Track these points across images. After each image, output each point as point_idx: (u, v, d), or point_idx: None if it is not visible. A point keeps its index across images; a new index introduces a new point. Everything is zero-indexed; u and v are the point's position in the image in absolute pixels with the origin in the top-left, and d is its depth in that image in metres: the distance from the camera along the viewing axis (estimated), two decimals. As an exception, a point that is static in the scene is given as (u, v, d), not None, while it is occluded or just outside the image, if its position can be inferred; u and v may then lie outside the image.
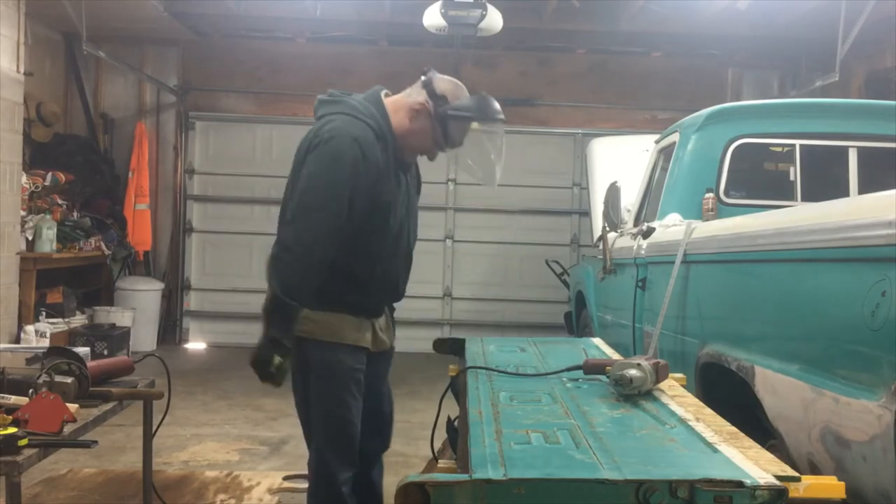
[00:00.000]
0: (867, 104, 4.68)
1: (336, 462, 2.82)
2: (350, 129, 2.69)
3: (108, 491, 4.07)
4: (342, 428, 2.83)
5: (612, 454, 1.63)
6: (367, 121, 2.74)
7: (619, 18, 8.19)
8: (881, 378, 1.99)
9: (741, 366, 2.80)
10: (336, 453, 2.82)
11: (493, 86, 9.61)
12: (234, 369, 7.56)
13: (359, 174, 2.65)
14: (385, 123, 2.78)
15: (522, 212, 9.38)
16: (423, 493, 1.44)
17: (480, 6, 6.44)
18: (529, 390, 2.29)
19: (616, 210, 5.10)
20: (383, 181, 2.73)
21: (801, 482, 1.53)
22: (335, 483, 2.80)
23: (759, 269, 2.84)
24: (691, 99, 8.38)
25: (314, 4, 7.96)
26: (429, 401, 6.19)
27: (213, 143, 9.40)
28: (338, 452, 2.82)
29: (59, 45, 8.85)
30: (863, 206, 2.24)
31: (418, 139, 2.82)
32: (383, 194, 2.74)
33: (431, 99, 2.77)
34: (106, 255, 8.21)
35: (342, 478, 2.81)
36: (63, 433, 2.49)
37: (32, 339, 6.62)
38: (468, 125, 2.79)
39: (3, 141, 6.34)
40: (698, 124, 4.18)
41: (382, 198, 2.74)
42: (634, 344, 4.26)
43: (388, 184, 2.75)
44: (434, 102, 2.76)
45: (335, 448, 2.82)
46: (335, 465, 2.82)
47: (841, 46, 6.57)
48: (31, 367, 3.07)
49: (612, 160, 7.03)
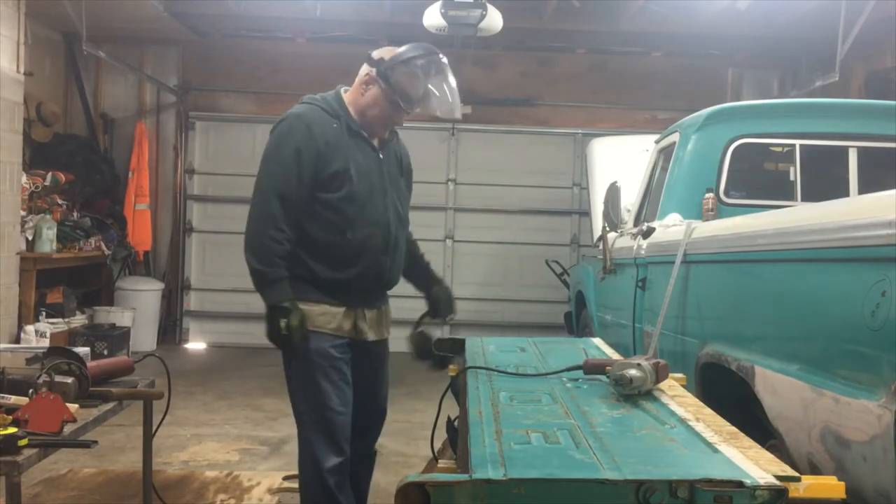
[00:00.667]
0: (867, 104, 4.68)
1: (320, 450, 2.88)
2: (297, 110, 2.95)
3: (108, 491, 4.07)
4: (322, 415, 2.89)
5: (612, 454, 1.63)
6: (316, 103, 2.97)
7: (619, 18, 8.19)
8: (881, 378, 1.99)
9: (741, 366, 2.80)
10: (319, 441, 2.88)
11: (493, 86, 9.67)
12: (234, 369, 7.57)
13: (305, 145, 2.86)
14: (337, 103, 2.98)
15: (522, 212, 9.38)
16: (423, 493, 1.44)
17: (480, 6, 6.44)
18: (529, 390, 2.29)
19: (616, 210, 5.10)
20: (334, 151, 2.89)
21: (801, 482, 1.53)
22: (320, 471, 2.86)
23: (759, 269, 2.84)
24: (691, 99, 8.38)
25: (314, 4, 7.96)
26: (429, 401, 6.19)
27: (213, 143, 9.41)
28: (321, 440, 2.88)
29: (59, 45, 8.85)
30: (863, 206, 2.24)
31: (376, 107, 2.96)
32: (335, 162, 2.88)
33: (372, 66, 2.95)
34: (106, 255, 8.21)
35: (327, 465, 2.86)
36: (63, 433, 2.49)
37: (32, 339, 6.62)
38: (410, 70, 2.91)
39: (3, 141, 6.34)
40: (698, 124, 4.18)
41: (335, 165, 2.87)
42: (634, 344, 4.26)
43: (340, 154, 2.89)
44: (376, 67, 2.94)
45: (318, 435, 2.89)
46: (319, 452, 2.87)
47: (841, 46, 6.57)
48: (31, 367, 3.07)
49: (612, 160, 7.03)
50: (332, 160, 2.88)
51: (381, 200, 2.98)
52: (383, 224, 2.97)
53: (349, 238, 2.91)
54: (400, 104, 2.93)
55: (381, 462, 4.62)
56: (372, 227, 2.94)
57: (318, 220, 2.90)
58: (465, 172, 9.38)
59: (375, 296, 3.07)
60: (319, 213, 2.90)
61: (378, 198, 2.97)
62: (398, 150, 3.17)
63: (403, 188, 3.14)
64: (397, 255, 3.06)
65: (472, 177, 9.37)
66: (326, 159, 2.87)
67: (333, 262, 2.93)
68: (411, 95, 2.93)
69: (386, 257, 2.99)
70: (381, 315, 3.11)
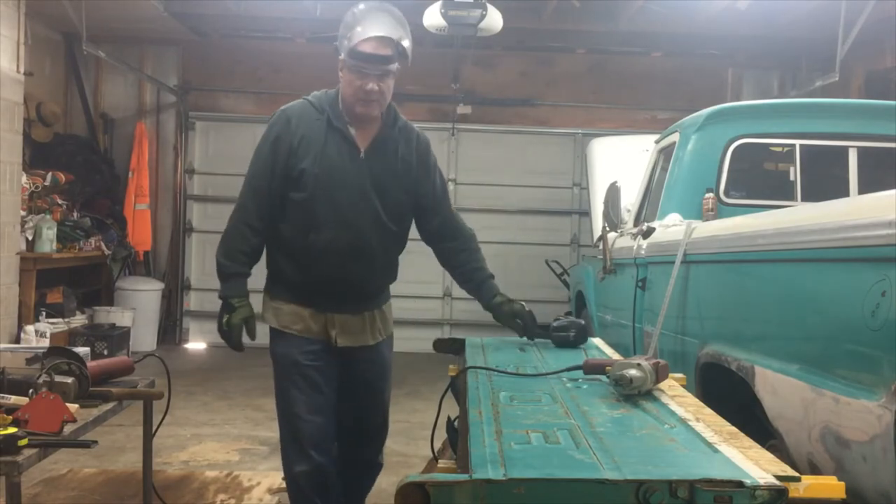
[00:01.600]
0: (867, 104, 4.68)
1: (290, 455, 2.91)
2: (288, 104, 2.93)
3: (108, 491, 4.07)
4: (289, 421, 2.91)
5: (612, 454, 1.63)
6: (308, 98, 2.93)
7: (618, 18, 8.19)
8: (881, 378, 1.99)
9: (741, 366, 2.80)
10: (288, 447, 2.92)
11: (493, 86, 9.67)
12: (234, 369, 7.56)
13: (282, 138, 2.84)
14: (327, 99, 2.91)
15: (522, 212, 9.38)
16: (423, 493, 1.44)
17: (480, 6, 6.44)
18: (529, 390, 2.29)
19: (616, 210, 5.10)
20: (307, 148, 2.83)
21: (801, 482, 1.53)
22: (291, 476, 2.90)
23: (759, 269, 2.84)
24: (691, 99, 8.38)
25: (314, 4, 7.96)
26: (429, 401, 6.20)
27: (213, 143, 9.41)
28: (290, 446, 2.91)
29: (59, 45, 8.85)
30: (863, 206, 2.24)
31: (347, 85, 2.85)
32: (305, 160, 2.82)
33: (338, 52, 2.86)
34: (106, 255, 8.21)
35: (296, 470, 2.87)
36: (63, 433, 2.49)
37: (32, 339, 6.62)
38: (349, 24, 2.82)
39: (3, 141, 6.34)
40: (698, 124, 4.18)
41: (303, 163, 2.82)
42: (634, 344, 4.26)
43: (311, 151, 2.82)
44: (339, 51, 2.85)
45: (287, 441, 2.93)
46: (290, 457, 2.90)
47: (841, 46, 6.56)
48: (31, 367, 3.07)
49: (612, 160, 7.03)
50: (303, 157, 2.83)
51: (353, 203, 2.84)
52: (353, 228, 2.85)
53: (312, 239, 2.84)
54: (360, 67, 2.78)
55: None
56: (340, 230, 2.83)
57: (288, 219, 2.87)
58: (465, 172, 9.38)
59: (348, 301, 2.93)
60: (289, 211, 2.86)
61: (349, 200, 2.84)
62: (400, 146, 2.96)
63: (396, 190, 2.93)
64: (374, 260, 2.91)
65: (472, 177, 9.38)
66: (298, 156, 2.83)
67: (300, 263, 2.89)
68: (359, 48, 2.76)
69: (356, 263, 2.86)
70: (361, 321, 2.97)
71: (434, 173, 3.07)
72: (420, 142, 3.03)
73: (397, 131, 2.96)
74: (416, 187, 3.00)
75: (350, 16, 2.84)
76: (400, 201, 2.96)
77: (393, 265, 3.05)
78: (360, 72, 2.79)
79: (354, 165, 2.86)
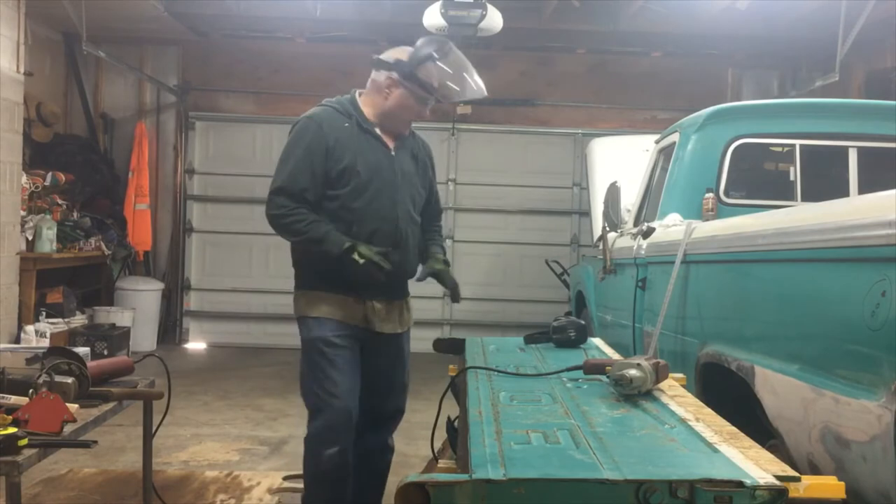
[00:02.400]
0: (867, 104, 4.68)
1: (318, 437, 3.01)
2: (310, 111, 3.11)
3: (108, 491, 4.07)
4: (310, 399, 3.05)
5: (612, 454, 1.63)
6: (330, 104, 3.13)
7: (619, 18, 8.18)
8: (881, 378, 1.99)
9: (741, 366, 2.80)
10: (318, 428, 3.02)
11: (493, 86, 9.57)
12: (234, 369, 7.57)
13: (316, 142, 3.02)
14: (350, 104, 3.12)
15: (522, 212, 9.38)
16: (423, 493, 1.44)
17: (480, 6, 6.44)
18: (529, 390, 2.29)
19: (616, 210, 5.10)
20: (344, 148, 3.03)
21: (801, 482, 1.53)
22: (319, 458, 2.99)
23: (759, 269, 2.84)
24: (691, 99, 8.37)
25: (314, 4, 7.96)
26: (429, 401, 6.18)
27: (213, 143, 9.40)
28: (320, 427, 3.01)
29: (59, 45, 8.84)
30: (863, 206, 2.24)
31: (404, 109, 3.11)
32: (345, 158, 3.02)
33: (391, 69, 3.06)
34: (106, 255, 8.21)
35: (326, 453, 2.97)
36: (63, 433, 2.49)
37: (32, 339, 6.62)
38: (433, 63, 3.04)
39: (3, 141, 6.34)
40: (698, 124, 4.18)
41: (344, 161, 3.02)
42: (634, 344, 4.26)
43: (349, 150, 3.03)
44: (396, 70, 3.05)
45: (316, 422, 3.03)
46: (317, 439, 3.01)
47: (841, 46, 6.56)
48: (31, 367, 3.07)
49: (612, 160, 7.02)
50: (342, 156, 3.02)
51: (390, 196, 3.08)
52: (391, 219, 3.08)
53: (355, 232, 3.02)
54: (427, 99, 3.07)
55: (381, 462, 4.63)
56: (380, 222, 3.06)
57: (327, 215, 3.03)
58: (465, 172, 9.37)
59: (386, 288, 3.11)
60: (328, 208, 3.03)
61: (387, 194, 3.08)
62: (414, 147, 3.27)
63: (418, 185, 3.23)
64: (408, 249, 3.15)
65: (472, 177, 9.37)
66: (336, 156, 3.01)
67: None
68: (438, 87, 3.05)
69: (396, 252, 3.07)
70: (396, 308, 3.18)
71: (434, 171, 3.42)
72: (426, 144, 3.37)
73: (410, 134, 3.25)
74: (427, 182, 3.32)
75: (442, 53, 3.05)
76: (421, 194, 3.26)
77: (417, 254, 3.26)
78: (425, 102, 3.10)
79: (388, 163, 3.11)
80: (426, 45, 3.07)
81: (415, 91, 3.05)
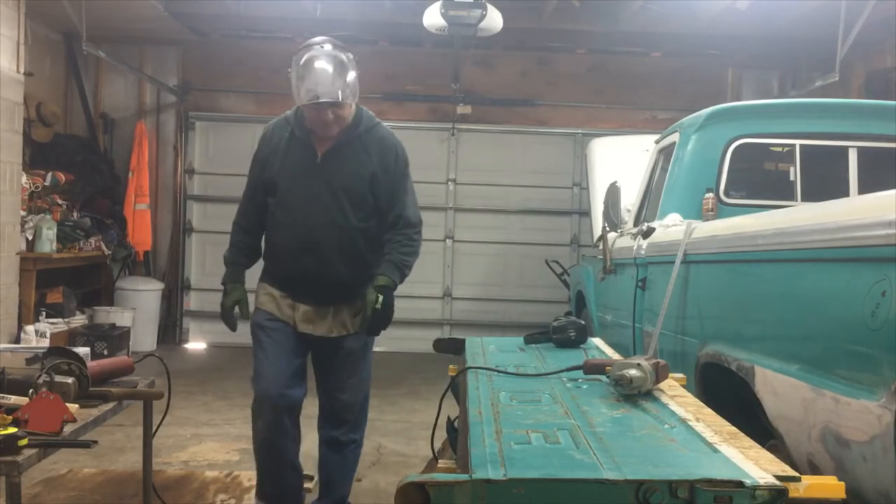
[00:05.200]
0: (867, 104, 4.68)
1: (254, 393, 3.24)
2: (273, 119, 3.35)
3: (108, 491, 4.07)
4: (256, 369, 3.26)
5: (612, 454, 1.63)
6: (288, 112, 3.29)
7: (619, 18, 8.18)
8: (881, 378, 1.99)
9: (741, 366, 2.80)
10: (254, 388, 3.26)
11: (493, 86, 9.66)
12: (234, 369, 7.56)
13: (260, 151, 3.30)
14: (296, 112, 3.23)
15: (522, 212, 9.38)
16: (423, 493, 1.44)
17: (480, 6, 6.44)
18: (529, 390, 2.29)
19: (616, 210, 5.10)
20: (273, 158, 3.23)
21: (801, 482, 1.53)
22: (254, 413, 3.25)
23: (759, 269, 2.84)
24: (691, 99, 8.38)
25: (314, 4, 7.96)
26: (429, 401, 6.19)
27: (213, 143, 9.40)
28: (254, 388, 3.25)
29: (59, 45, 8.84)
30: (863, 206, 2.24)
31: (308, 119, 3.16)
32: (270, 169, 3.22)
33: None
34: (106, 255, 8.20)
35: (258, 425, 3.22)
36: (63, 433, 2.49)
37: (32, 339, 6.62)
38: (292, 70, 3.11)
39: (3, 141, 6.34)
40: (698, 124, 4.18)
41: (269, 172, 3.22)
42: (634, 344, 4.26)
43: (276, 161, 3.21)
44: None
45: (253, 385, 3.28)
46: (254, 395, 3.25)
47: (841, 46, 6.56)
48: (31, 367, 3.07)
49: (612, 160, 7.02)
50: (271, 167, 3.22)
51: (306, 203, 3.18)
52: (304, 226, 3.17)
53: (276, 238, 3.29)
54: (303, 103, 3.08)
55: (381, 462, 4.63)
56: (292, 229, 3.20)
57: (269, 221, 3.30)
58: (465, 172, 9.37)
59: (313, 292, 3.24)
60: (269, 214, 3.28)
61: (303, 201, 3.19)
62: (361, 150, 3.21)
63: (356, 189, 3.18)
64: (328, 256, 3.19)
65: (472, 177, 9.37)
66: (269, 167, 3.23)
67: (274, 258, 3.32)
68: (304, 108, 3.10)
69: (309, 258, 3.18)
70: (327, 312, 3.26)
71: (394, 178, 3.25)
72: (385, 147, 3.24)
73: (358, 137, 3.22)
74: (372, 187, 3.22)
75: (295, 66, 3.10)
76: (357, 200, 3.20)
77: (359, 260, 3.25)
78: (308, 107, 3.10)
79: (311, 169, 3.18)
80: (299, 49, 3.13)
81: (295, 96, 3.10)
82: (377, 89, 9.02)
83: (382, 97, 9.05)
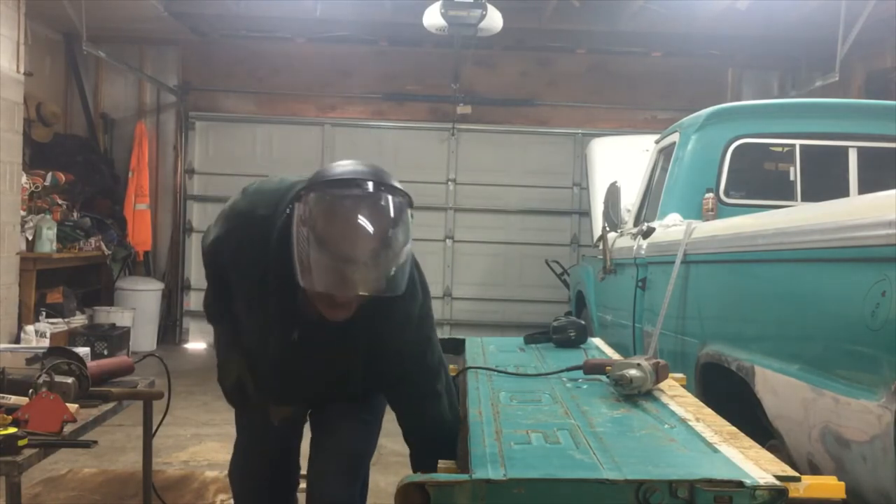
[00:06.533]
0: (867, 104, 4.68)
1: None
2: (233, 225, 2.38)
3: (108, 491, 4.07)
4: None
5: (612, 454, 1.63)
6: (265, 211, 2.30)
7: (619, 18, 8.18)
8: (881, 378, 1.99)
9: (741, 366, 2.80)
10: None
11: (493, 86, 9.66)
12: (234, 369, 7.55)
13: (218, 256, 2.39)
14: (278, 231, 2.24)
15: (522, 212, 9.38)
16: (423, 493, 1.44)
17: (480, 6, 6.43)
18: (529, 390, 2.29)
19: (616, 210, 5.10)
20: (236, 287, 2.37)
21: (801, 482, 1.53)
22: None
23: (759, 269, 2.84)
24: (691, 99, 8.37)
25: (314, 4, 7.96)
26: (429, 401, 6.18)
27: (213, 143, 9.40)
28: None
29: (59, 45, 8.84)
30: (863, 206, 2.24)
31: None
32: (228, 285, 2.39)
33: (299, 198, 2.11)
34: (106, 255, 8.20)
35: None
36: (63, 433, 2.49)
37: (32, 339, 6.62)
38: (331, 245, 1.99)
39: (3, 141, 6.34)
40: (698, 124, 4.18)
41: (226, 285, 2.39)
42: (634, 344, 4.26)
43: (239, 296, 2.38)
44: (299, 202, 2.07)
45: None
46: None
47: (841, 46, 6.56)
48: (31, 367, 3.07)
49: (612, 160, 7.03)
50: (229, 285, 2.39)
51: (277, 373, 2.38)
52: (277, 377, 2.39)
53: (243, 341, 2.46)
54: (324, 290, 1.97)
55: (381, 462, 4.63)
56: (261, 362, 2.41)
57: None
58: (465, 172, 9.37)
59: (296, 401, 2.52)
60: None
61: (274, 371, 2.38)
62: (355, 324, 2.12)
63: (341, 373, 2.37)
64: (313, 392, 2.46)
65: (472, 177, 9.37)
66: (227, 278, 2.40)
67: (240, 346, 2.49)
68: (315, 263, 1.90)
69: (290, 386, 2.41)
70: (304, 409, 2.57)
71: (403, 344, 2.25)
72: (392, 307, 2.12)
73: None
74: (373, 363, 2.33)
75: (309, 210, 1.92)
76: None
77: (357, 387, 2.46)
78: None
79: (283, 344, 2.25)
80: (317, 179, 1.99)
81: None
82: (377, 89, 9.05)
83: (382, 97, 9.06)
